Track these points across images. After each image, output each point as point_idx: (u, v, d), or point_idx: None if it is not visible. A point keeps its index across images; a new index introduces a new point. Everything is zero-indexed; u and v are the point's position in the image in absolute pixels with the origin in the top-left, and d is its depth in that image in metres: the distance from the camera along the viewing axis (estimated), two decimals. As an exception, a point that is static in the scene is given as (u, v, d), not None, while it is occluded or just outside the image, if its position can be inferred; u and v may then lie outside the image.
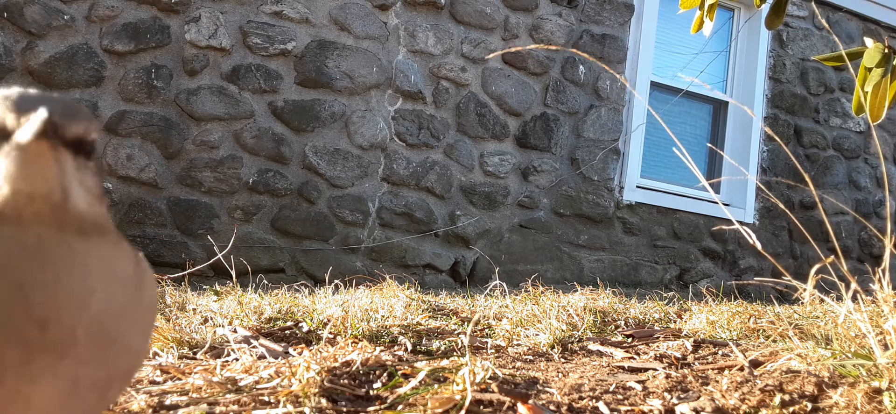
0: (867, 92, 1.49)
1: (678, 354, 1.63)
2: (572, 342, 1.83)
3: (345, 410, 1.10)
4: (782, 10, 1.68)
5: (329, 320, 1.91)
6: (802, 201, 5.89)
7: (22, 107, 0.52)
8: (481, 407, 1.08)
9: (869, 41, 1.54)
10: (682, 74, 5.45)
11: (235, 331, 1.75)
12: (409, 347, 1.68)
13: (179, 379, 1.24)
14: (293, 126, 4.46)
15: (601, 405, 1.11)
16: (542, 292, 2.44)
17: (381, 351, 1.43)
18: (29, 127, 0.50)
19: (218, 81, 4.32)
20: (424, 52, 4.77)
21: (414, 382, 1.17)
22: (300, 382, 1.14)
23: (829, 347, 1.31)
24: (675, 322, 2.23)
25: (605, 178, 5.27)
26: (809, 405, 1.05)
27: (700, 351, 1.69)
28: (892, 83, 1.48)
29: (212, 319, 1.97)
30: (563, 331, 1.88)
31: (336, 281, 2.68)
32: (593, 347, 1.79)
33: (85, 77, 4.06)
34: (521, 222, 5.04)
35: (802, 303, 1.71)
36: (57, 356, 0.49)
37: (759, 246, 1.22)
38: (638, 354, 1.66)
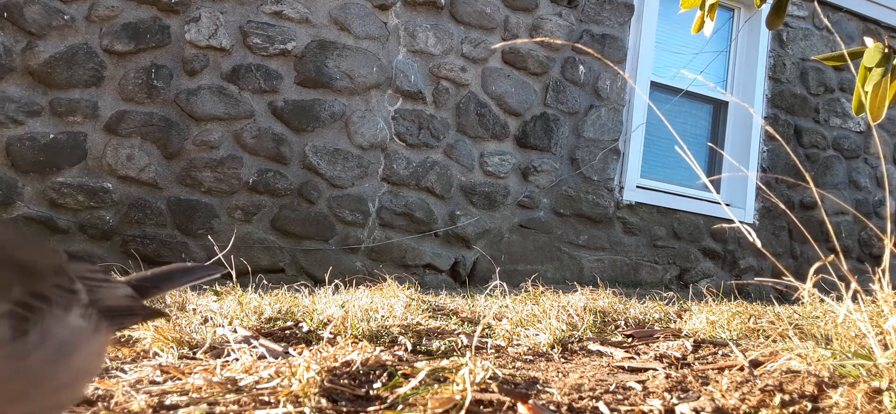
0: (867, 92, 1.49)
1: (678, 354, 1.63)
2: (572, 342, 1.83)
3: (345, 410, 1.10)
4: (783, 10, 1.68)
5: (329, 320, 1.91)
6: (802, 201, 5.89)
7: None
8: (481, 407, 1.08)
9: (869, 41, 1.54)
10: (683, 72, 5.45)
11: (235, 331, 1.75)
12: (409, 347, 1.68)
13: (179, 379, 1.24)
14: (293, 126, 4.46)
15: (601, 405, 1.11)
16: (542, 292, 2.44)
17: (381, 351, 1.43)
18: None
19: (218, 81, 4.32)
20: (424, 52, 4.77)
21: (414, 382, 1.17)
22: (300, 382, 1.14)
23: (829, 347, 1.31)
24: (675, 322, 2.23)
25: (605, 179, 5.27)
26: (809, 405, 1.05)
27: (700, 351, 1.69)
28: (892, 83, 1.48)
29: (212, 319, 1.97)
30: (563, 331, 1.88)
31: (336, 281, 2.68)
32: (593, 347, 1.79)
33: (85, 77, 4.06)
34: (521, 222, 5.04)
35: (802, 303, 1.71)
36: None
37: (759, 244, 1.22)
38: (638, 354, 1.66)
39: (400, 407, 1.09)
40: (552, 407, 1.11)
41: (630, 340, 1.91)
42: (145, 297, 0.88)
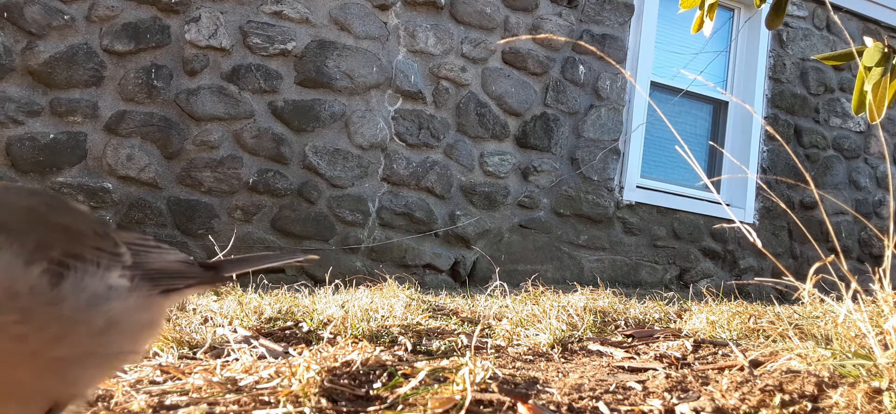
0: (867, 91, 1.49)
1: (678, 354, 1.63)
2: (572, 342, 1.83)
3: (345, 410, 1.10)
4: (782, 9, 1.68)
5: (329, 320, 1.91)
6: (802, 201, 5.89)
7: None
8: (481, 407, 1.08)
9: (869, 40, 1.54)
10: (683, 72, 5.45)
11: (235, 331, 1.75)
12: (409, 347, 1.68)
13: (179, 379, 1.24)
14: (293, 126, 4.46)
15: (601, 405, 1.11)
16: (542, 292, 2.44)
17: (381, 351, 1.43)
18: None
19: (218, 81, 4.32)
20: (424, 52, 4.77)
21: (414, 382, 1.17)
22: (300, 382, 1.14)
23: (829, 347, 1.31)
24: (675, 322, 2.23)
25: (605, 178, 5.27)
26: (809, 405, 1.05)
27: (700, 351, 1.69)
28: (892, 82, 1.48)
29: (212, 319, 1.97)
30: (563, 331, 1.88)
31: (336, 281, 2.68)
32: (593, 347, 1.79)
33: (85, 77, 4.06)
34: (521, 222, 5.04)
35: (802, 303, 1.71)
36: None
37: (759, 244, 1.22)
38: (638, 354, 1.66)
39: (400, 407, 1.09)
40: (552, 407, 1.11)
41: (630, 340, 1.91)
42: (217, 272, 0.98)
